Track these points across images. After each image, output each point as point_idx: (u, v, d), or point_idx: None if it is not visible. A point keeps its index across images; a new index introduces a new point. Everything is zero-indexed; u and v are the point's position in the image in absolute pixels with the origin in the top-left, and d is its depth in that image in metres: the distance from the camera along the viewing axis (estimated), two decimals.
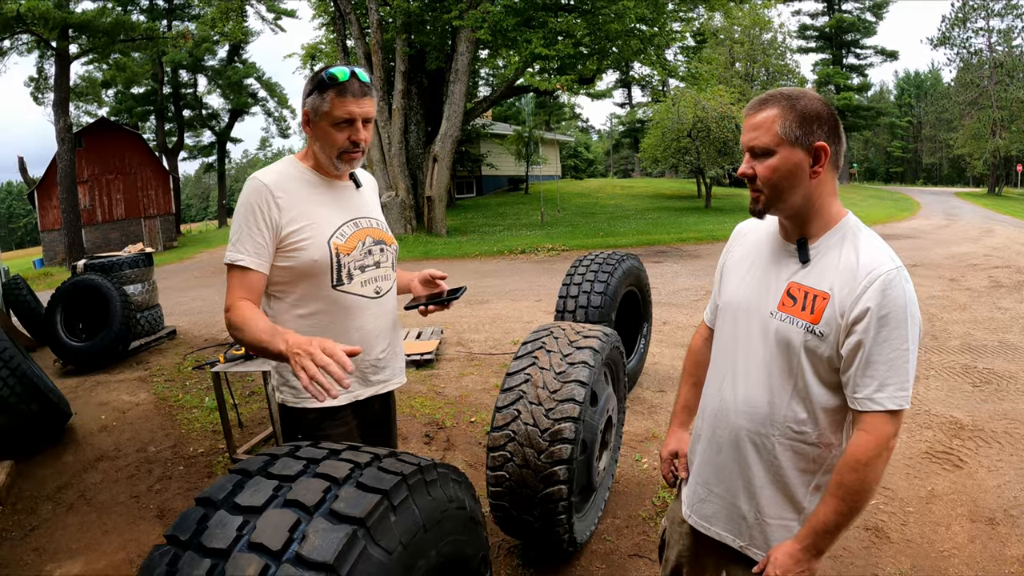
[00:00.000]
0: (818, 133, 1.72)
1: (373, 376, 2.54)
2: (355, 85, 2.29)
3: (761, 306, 1.87)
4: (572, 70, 24.26)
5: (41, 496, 4.82)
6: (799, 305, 1.78)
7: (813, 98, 1.75)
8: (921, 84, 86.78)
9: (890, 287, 1.66)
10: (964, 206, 36.16)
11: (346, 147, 2.36)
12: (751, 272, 1.96)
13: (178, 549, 1.33)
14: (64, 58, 30.19)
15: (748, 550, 1.97)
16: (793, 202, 1.78)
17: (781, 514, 1.90)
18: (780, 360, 1.82)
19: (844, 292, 1.71)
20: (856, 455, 1.70)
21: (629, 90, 68.46)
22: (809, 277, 1.79)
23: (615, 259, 5.81)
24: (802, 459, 1.85)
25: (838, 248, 1.77)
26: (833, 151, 1.74)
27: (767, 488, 1.90)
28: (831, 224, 1.81)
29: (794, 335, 1.78)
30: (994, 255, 15.31)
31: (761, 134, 1.75)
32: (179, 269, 22.71)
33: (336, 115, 2.29)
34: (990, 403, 5.78)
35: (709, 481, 2.05)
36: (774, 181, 1.76)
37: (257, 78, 49.19)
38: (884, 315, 1.65)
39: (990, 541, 3.71)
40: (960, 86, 53.88)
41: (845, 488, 1.72)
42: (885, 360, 1.66)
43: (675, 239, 20.91)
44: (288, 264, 2.32)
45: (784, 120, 1.72)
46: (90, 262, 9.14)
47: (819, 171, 1.74)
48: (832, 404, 1.80)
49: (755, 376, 1.88)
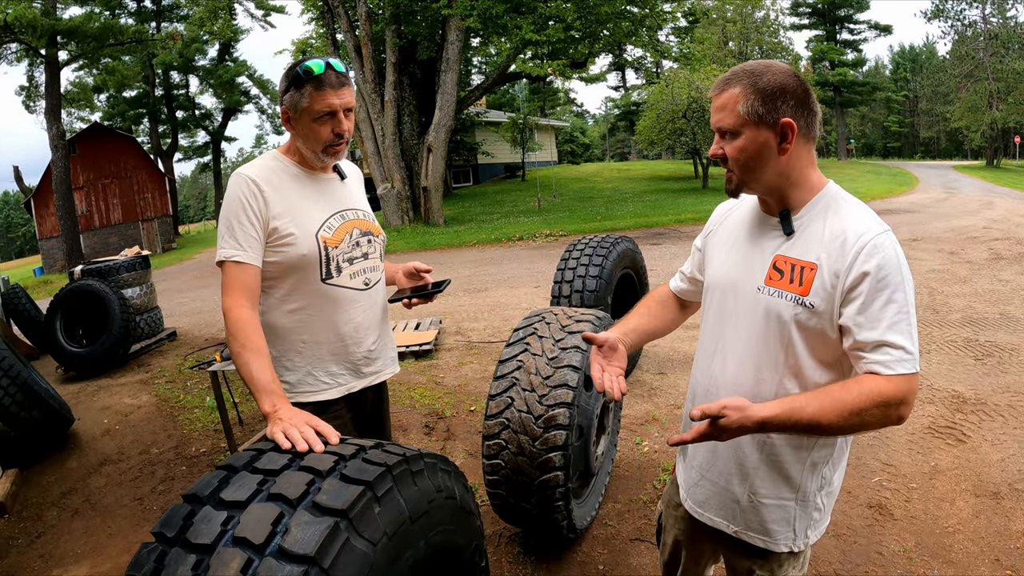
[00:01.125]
0: (783, 109, 1.67)
1: (365, 368, 2.53)
2: (332, 76, 2.25)
3: (747, 283, 1.82)
4: (564, 55, 24.19)
5: (46, 502, 4.83)
6: (787, 278, 1.72)
7: (778, 71, 1.70)
8: (916, 58, 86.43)
9: (882, 250, 1.61)
10: (963, 179, 36.08)
11: (331, 140, 2.32)
12: (735, 249, 1.91)
13: (165, 546, 1.33)
14: (54, 65, 30.07)
15: (743, 535, 1.93)
16: (766, 180, 1.74)
17: (777, 494, 1.85)
18: (770, 336, 1.76)
19: (833, 261, 1.65)
20: (867, 381, 1.60)
21: (623, 73, 68.32)
22: (794, 249, 1.74)
23: (609, 242, 5.80)
24: (795, 436, 1.77)
25: (822, 218, 1.73)
26: (802, 125, 1.69)
27: (761, 468, 1.84)
28: (812, 194, 1.76)
29: (784, 309, 1.72)
30: (994, 227, 15.29)
31: (726, 115, 1.71)
32: (178, 270, 22.73)
33: (317, 109, 2.25)
34: (992, 376, 5.76)
35: (702, 465, 2.00)
36: (743, 161, 1.72)
37: (249, 76, 49.09)
38: (882, 278, 1.60)
39: (995, 516, 3.70)
40: (955, 59, 53.68)
41: (832, 394, 1.60)
42: (889, 324, 1.60)
43: (673, 220, 20.85)
44: (276, 259, 2.29)
45: (747, 99, 1.67)
46: (87, 267, 9.15)
47: (787, 148, 1.69)
48: (824, 379, 1.74)
49: (745, 353, 1.82)
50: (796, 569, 1.96)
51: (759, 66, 1.72)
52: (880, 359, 1.60)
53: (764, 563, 1.94)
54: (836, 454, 1.84)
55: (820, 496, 1.86)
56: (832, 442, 1.80)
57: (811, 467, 1.82)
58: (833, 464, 1.85)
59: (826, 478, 1.85)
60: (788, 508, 1.85)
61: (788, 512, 1.86)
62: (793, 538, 1.88)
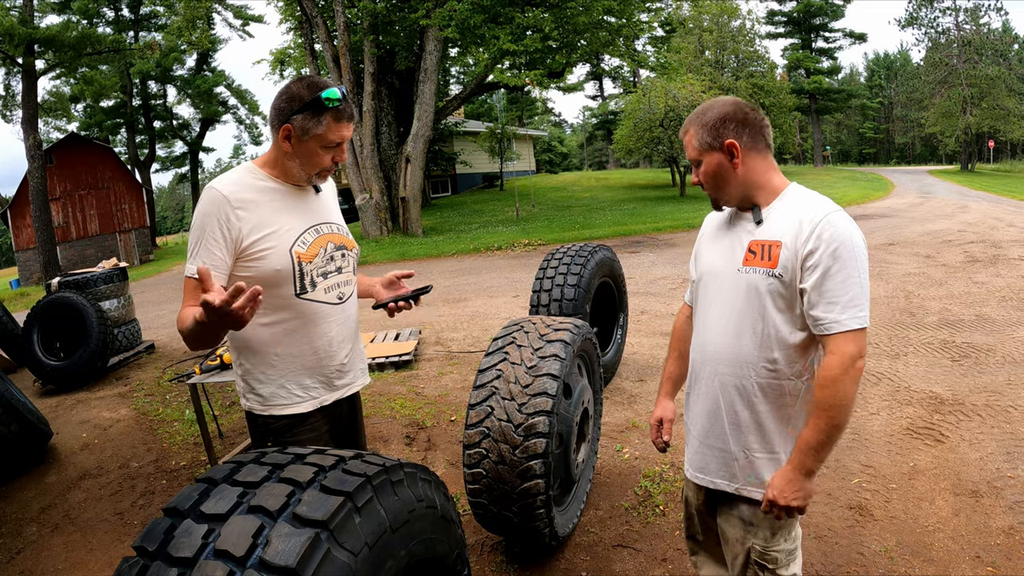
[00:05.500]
0: (725, 133, 2.09)
1: (338, 381, 2.54)
2: (348, 109, 2.31)
3: (729, 266, 2.16)
4: (541, 64, 24.27)
5: (26, 518, 4.78)
6: (759, 256, 2.07)
7: (720, 105, 2.13)
8: (891, 65, 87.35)
9: (833, 225, 1.95)
10: (938, 183, 36.47)
11: (328, 167, 2.38)
12: (717, 243, 2.26)
13: (146, 560, 1.33)
14: (31, 74, 29.84)
15: (743, 491, 2.18)
16: (733, 192, 2.15)
17: (769, 448, 2.13)
18: (749, 307, 2.09)
19: (793, 237, 1.99)
20: (825, 374, 1.94)
21: (600, 82, 68.69)
22: (763, 233, 2.09)
23: (587, 251, 5.83)
24: (778, 394, 2.09)
25: (785, 208, 2.08)
26: (746, 141, 2.09)
27: (752, 426, 2.13)
28: (776, 194, 2.13)
29: (759, 282, 2.05)
30: (969, 230, 15.47)
31: (689, 150, 2.18)
32: (156, 282, 22.54)
33: (331, 139, 2.30)
34: (969, 377, 5.83)
35: (702, 432, 2.27)
36: (710, 182, 2.16)
37: (227, 86, 48.85)
38: (834, 249, 1.92)
39: (974, 514, 3.75)
40: (929, 65, 54.15)
41: (819, 405, 1.95)
42: (842, 288, 1.92)
43: (651, 228, 20.95)
44: (249, 274, 2.28)
45: (697, 135, 2.13)
46: (64, 279, 9.06)
47: (738, 162, 2.09)
48: (797, 340, 2.06)
49: (727, 325, 2.15)
50: (788, 543, 2.17)
51: (704, 106, 2.18)
52: (829, 320, 1.94)
53: (757, 529, 2.17)
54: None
55: None
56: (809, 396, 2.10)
57: (791, 423, 2.12)
58: None
59: None
60: (780, 461, 2.12)
61: (780, 464, 2.11)
62: None
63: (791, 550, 2.17)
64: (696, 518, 2.51)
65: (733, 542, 2.22)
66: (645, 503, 4.11)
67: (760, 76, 49.96)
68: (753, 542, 2.16)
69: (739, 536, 2.20)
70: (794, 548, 2.18)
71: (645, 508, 4.06)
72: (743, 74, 50.03)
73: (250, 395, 2.45)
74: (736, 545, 2.21)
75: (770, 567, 2.14)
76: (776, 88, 48.99)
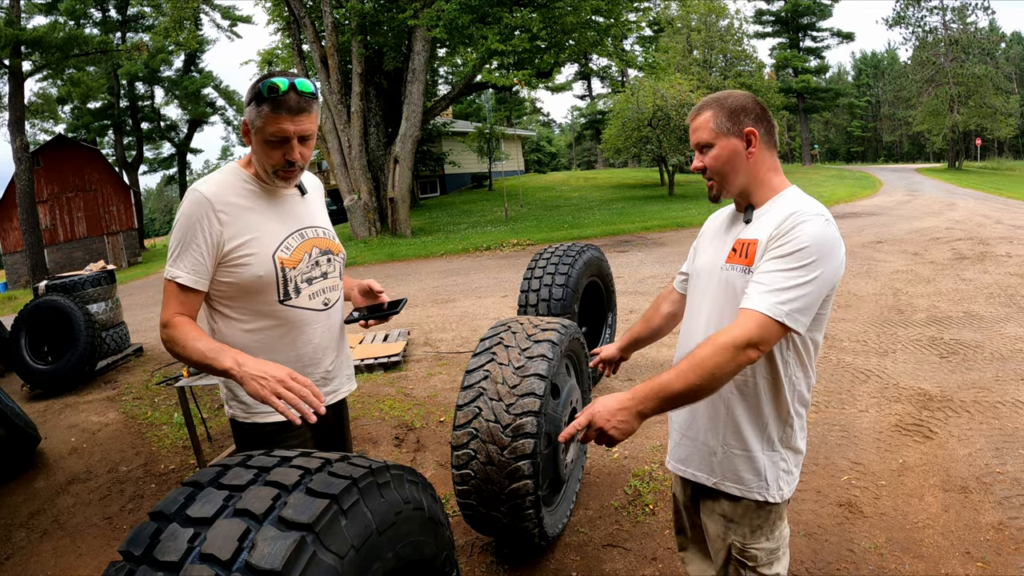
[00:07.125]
0: (745, 121, 2.07)
1: (323, 388, 2.48)
2: (292, 99, 2.11)
3: (716, 264, 2.17)
4: (530, 64, 24.20)
5: (14, 524, 4.75)
6: (739, 254, 2.07)
7: (739, 95, 2.12)
8: (878, 64, 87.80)
9: (806, 223, 1.90)
10: (926, 181, 36.63)
11: (280, 165, 2.23)
12: (714, 242, 2.27)
13: (132, 564, 1.32)
14: (18, 76, 29.73)
15: (721, 485, 2.17)
16: (738, 182, 2.12)
17: (744, 445, 2.11)
18: (727, 304, 2.09)
19: (768, 235, 1.98)
20: (716, 337, 1.86)
21: (589, 82, 68.71)
22: (747, 232, 2.09)
23: (575, 251, 5.82)
24: (752, 393, 2.08)
25: (775, 209, 2.05)
26: (763, 132, 2.08)
27: (730, 423, 2.13)
28: (773, 194, 2.11)
29: (736, 279, 2.06)
30: (956, 228, 15.56)
31: (702, 132, 2.12)
32: (144, 285, 22.43)
33: (269, 132, 2.14)
34: (958, 373, 5.87)
35: (683, 425, 2.28)
36: (719, 167, 2.10)
37: (215, 87, 48.72)
38: (792, 239, 1.89)
39: (964, 510, 3.76)
40: (917, 64, 54.44)
41: (693, 359, 1.85)
42: (782, 280, 1.86)
43: (640, 228, 20.91)
44: (231, 280, 2.24)
45: (716, 117, 2.09)
46: (52, 283, 9.03)
47: (753, 152, 2.07)
48: None
49: (709, 319, 2.15)
50: (770, 542, 2.15)
51: (724, 93, 2.16)
52: (751, 294, 1.90)
53: (737, 526, 2.16)
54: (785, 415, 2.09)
55: (784, 451, 2.12)
56: (779, 399, 2.08)
57: (764, 426, 2.10)
58: (782, 422, 2.10)
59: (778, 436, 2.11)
60: (753, 459, 2.11)
61: (757, 463, 2.10)
62: (765, 487, 2.10)
63: (773, 549, 2.14)
64: (684, 513, 2.52)
65: (715, 538, 2.23)
66: (635, 502, 4.12)
67: (748, 75, 50.25)
68: (733, 538, 2.16)
69: (720, 532, 2.20)
70: (777, 548, 2.15)
71: (635, 507, 4.06)
72: (731, 73, 50.32)
73: (233, 402, 2.40)
74: (717, 541, 2.22)
75: (750, 564, 2.13)
76: (764, 87, 49.30)
